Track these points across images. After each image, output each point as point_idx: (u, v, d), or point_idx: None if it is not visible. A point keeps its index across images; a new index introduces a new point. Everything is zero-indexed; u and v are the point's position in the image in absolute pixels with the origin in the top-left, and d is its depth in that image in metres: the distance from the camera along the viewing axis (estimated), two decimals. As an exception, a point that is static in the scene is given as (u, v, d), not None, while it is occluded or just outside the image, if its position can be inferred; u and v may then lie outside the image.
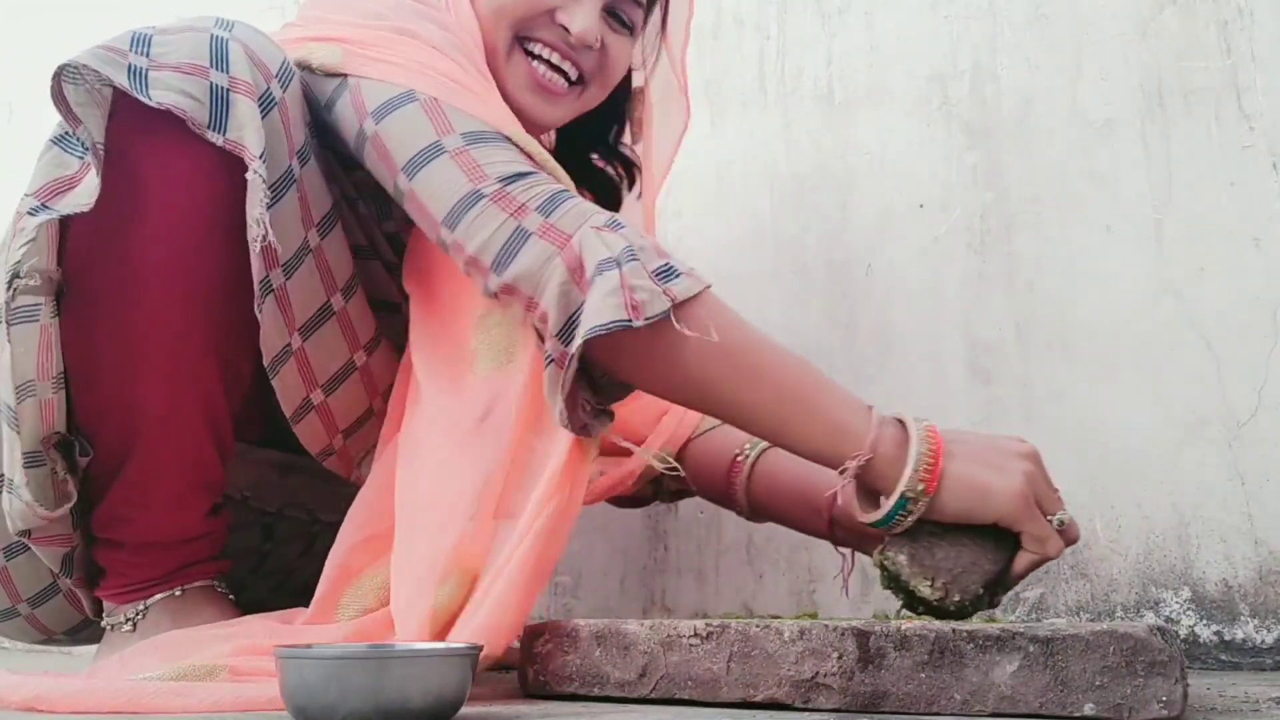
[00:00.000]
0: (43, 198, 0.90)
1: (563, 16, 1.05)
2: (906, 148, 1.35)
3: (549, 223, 0.91)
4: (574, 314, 0.89)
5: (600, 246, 0.90)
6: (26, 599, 1.07)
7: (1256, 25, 1.17)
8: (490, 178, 0.93)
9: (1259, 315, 1.14)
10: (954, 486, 0.85)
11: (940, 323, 1.30)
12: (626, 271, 0.87)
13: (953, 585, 0.85)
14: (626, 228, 0.92)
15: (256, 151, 0.89)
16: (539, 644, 0.87)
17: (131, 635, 1.00)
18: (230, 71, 0.90)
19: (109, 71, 0.87)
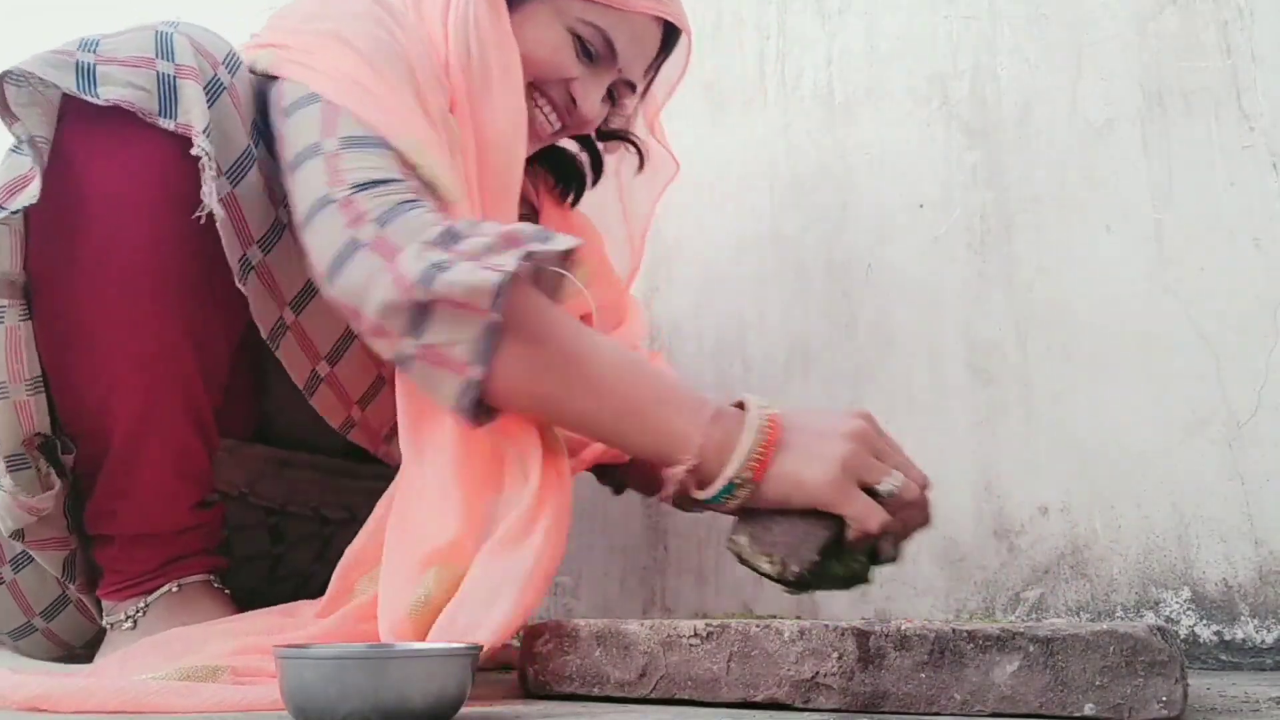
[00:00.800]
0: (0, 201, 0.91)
1: (577, 89, 1.14)
2: (906, 148, 1.35)
3: (382, 234, 0.89)
4: (415, 315, 0.87)
5: (423, 260, 0.87)
6: (40, 612, 1.08)
7: (1256, 25, 1.17)
8: (345, 183, 0.92)
9: (1259, 315, 1.14)
10: (773, 477, 0.89)
11: (940, 323, 1.30)
12: (471, 263, 0.87)
13: (790, 558, 0.89)
14: (468, 236, 0.89)
15: (201, 127, 0.90)
16: (539, 644, 0.87)
17: (132, 633, 1.01)
18: (176, 60, 0.93)
19: (54, 76, 0.89)
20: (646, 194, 1.34)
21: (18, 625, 1.10)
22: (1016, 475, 1.23)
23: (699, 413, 0.90)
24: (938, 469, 1.27)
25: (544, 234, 0.91)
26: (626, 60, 1.15)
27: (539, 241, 0.90)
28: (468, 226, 0.90)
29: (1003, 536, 1.23)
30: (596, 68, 1.14)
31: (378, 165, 0.93)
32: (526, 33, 1.10)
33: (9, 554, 1.07)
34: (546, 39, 1.11)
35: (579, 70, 1.13)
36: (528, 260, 0.87)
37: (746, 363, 1.42)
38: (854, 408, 0.93)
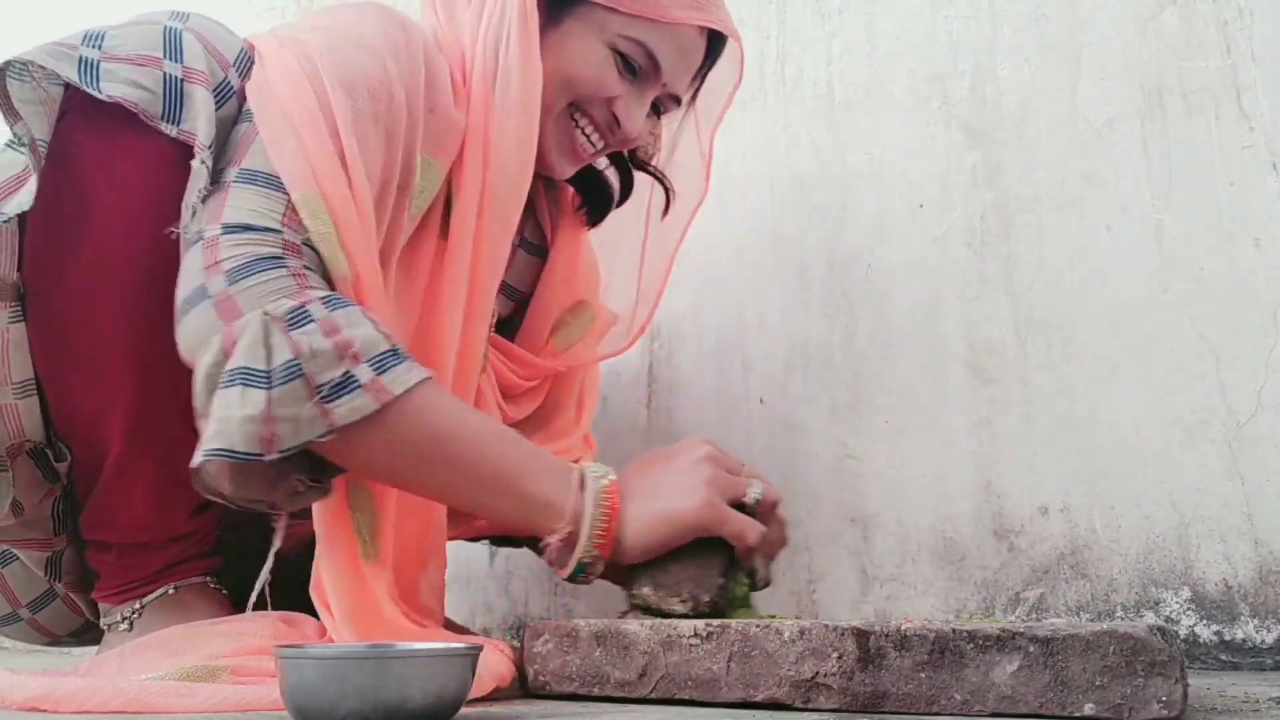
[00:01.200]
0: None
1: (619, 108, 1.10)
2: (906, 148, 1.35)
3: (229, 291, 0.85)
4: (210, 410, 0.84)
5: (258, 349, 0.84)
6: (26, 604, 1.08)
7: (1256, 25, 1.17)
8: (219, 221, 0.88)
9: (1259, 315, 1.14)
10: (637, 531, 0.92)
11: (940, 323, 1.30)
12: (276, 395, 0.83)
13: (698, 590, 0.92)
14: (316, 322, 0.85)
15: (205, 142, 0.88)
16: (539, 644, 0.87)
17: (129, 634, 1.00)
18: (185, 61, 0.90)
19: (57, 66, 0.87)
20: (672, 224, 1.28)
21: (3, 614, 1.09)
22: (1016, 475, 1.23)
23: (567, 482, 0.92)
24: (938, 469, 1.28)
25: (384, 358, 0.87)
26: (671, 73, 1.11)
27: (373, 368, 0.86)
28: (322, 310, 0.85)
29: (1003, 536, 1.23)
30: (640, 84, 1.10)
31: (259, 208, 0.89)
32: (566, 51, 1.07)
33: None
34: (587, 57, 1.08)
35: (621, 88, 1.09)
36: (326, 425, 0.84)
37: (746, 363, 1.42)
38: (690, 438, 0.99)
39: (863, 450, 1.32)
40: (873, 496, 1.30)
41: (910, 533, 1.28)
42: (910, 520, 1.28)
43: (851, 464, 1.32)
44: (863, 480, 1.30)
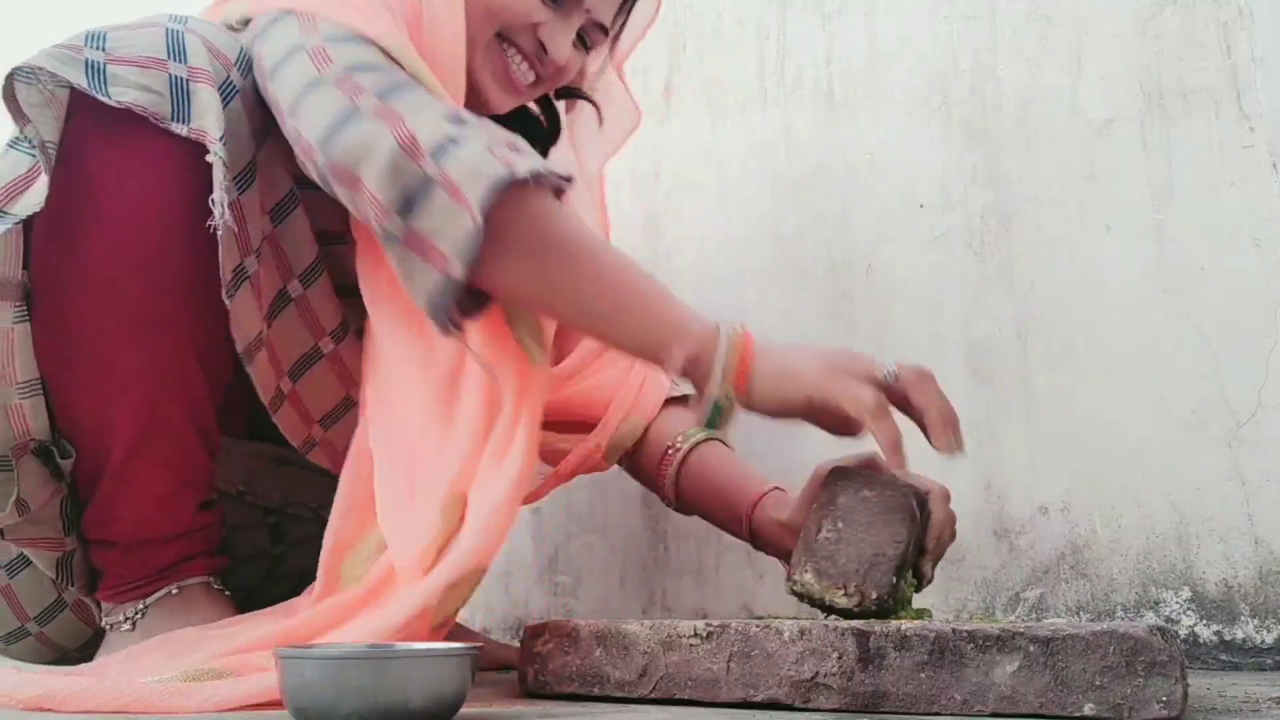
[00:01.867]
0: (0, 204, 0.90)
1: (544, 34, 1.09)
2: (906, 148, 1.35)
3: (384, 104, 0.88)
4: (413, 191, 0.86)
5: (440, 129, 0.87)
6: (34, 617, 1.08)
7: (1256, 25, 1.17)
8: (337, 64, 0.91)
9: (1259, 315, 1.14)
10: (765, 382, 0.91)
11: (940, 323, 1.30)
12: (483, 146, 0.87)
13: (866, 585, 0.85)
14: (471, 120, 0.90)
15: (217, 135, 0.89)
16: (539, 644, 0.87)
17: (131, 634, 1.01)
18: (189, 62, 0.91)
19: (65, 71, 0.87)
20: (604, 149, 1.30)
21: (11, 630, 1.10)
22: (1016, 475, 1.23)
23: (690, 311, 0.92)
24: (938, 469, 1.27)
25: (535, 153, 0.90)
26: (593, 0, 1.11)
27: (533, 156, 0.89)
28: (470, 114, 0.89)
29: (1003, 536, 1.23)
30: (564, 10, 1.10)
31: (364, 55, 0.92)
32: None
33: (3, 559, 1.07)
34: None
35: (544, 14, 1.09)
36: (531, 171, 0.86)
37: (746, 363, 1.41)
38: None
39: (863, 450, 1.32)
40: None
41: (910, 533, 1.28)
42: (910, 520, 1.28)
43: (851, 464, 1.31)
44: (863, 480, 1.30)
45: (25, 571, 1.06)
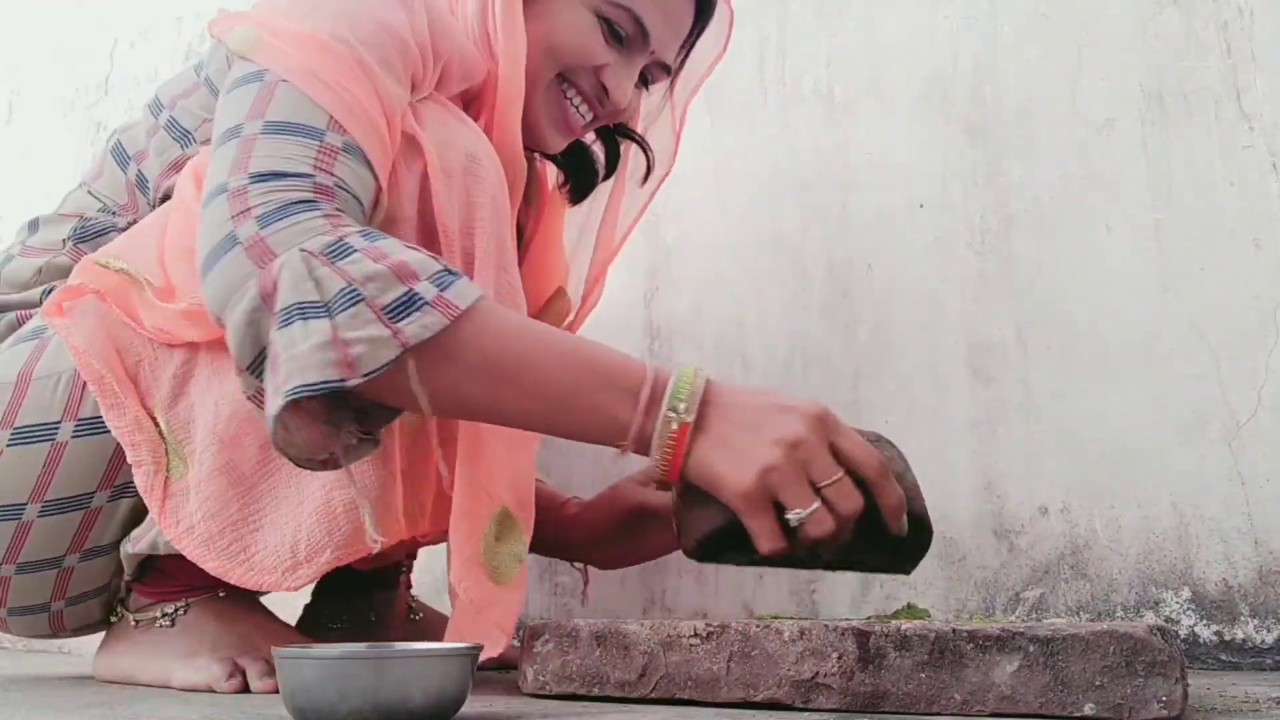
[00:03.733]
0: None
1: (607, 76, 1.08)
2: (906, 148, 1.35)
3: (261, 235, 0.82)
4: (263, 350, 0.81)
5: (305, 284, 0.80)
6: (67, 597, 1.06)
7: (1256, 25, 1.17)
8: (247, 171, 0.86)
9: (1259, 315, 1.14)
10: (697, 473, 0.84)
11: (940, 323, 1.30)
12: (340, 321, 0.79)
13: (682, 533, 0.88)
14: (361, 251, 0.81)
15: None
16: (539, 644, 0.87)
17: (170, 630, 1.03)
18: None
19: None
20: (642, 194, 1.29)
21: (34, 604, 1.07)
22: (1016, 475, 1.23)
23: (636, 396, 0.84)
24: (938, 469, 1.28)
25: (442, 275, 0.82)
26: (659, 40, 1.09)
27: (435, 285, 0.81)
28: (362, 240, 0.82)
29: (1003, 536, 1.23)
30: (628, 52, 1.09)
31: (291, 155, 0.87)
32: (551, 20, 1.06)
33: (90, 543, 1.04)
34: (572, 24, 1.06)
35: (609, 56, 1.07)
36: (400, 345, 0.79)
37: (746, 363, 1.42)
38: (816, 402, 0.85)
39: (863, 450, 1.32)
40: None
41: (910, 533, 1.28)
42: (910, 520, 1.28)
43: (851, 464, 1.31)
44: (863, 480, 1.30)
45: (98, 559, 1.04)
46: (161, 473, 0.95)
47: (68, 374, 1.00)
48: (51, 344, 1.01)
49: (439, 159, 0.94)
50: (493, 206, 0.96)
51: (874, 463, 0.83)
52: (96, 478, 0.99)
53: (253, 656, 0.99)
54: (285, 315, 0.80)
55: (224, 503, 0.94)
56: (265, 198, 0.84)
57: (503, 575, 0.95)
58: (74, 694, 0.98)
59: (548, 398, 0.85)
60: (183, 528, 0.94)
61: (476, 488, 0.93)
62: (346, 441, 0.85)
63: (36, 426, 0.99)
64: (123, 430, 0.96)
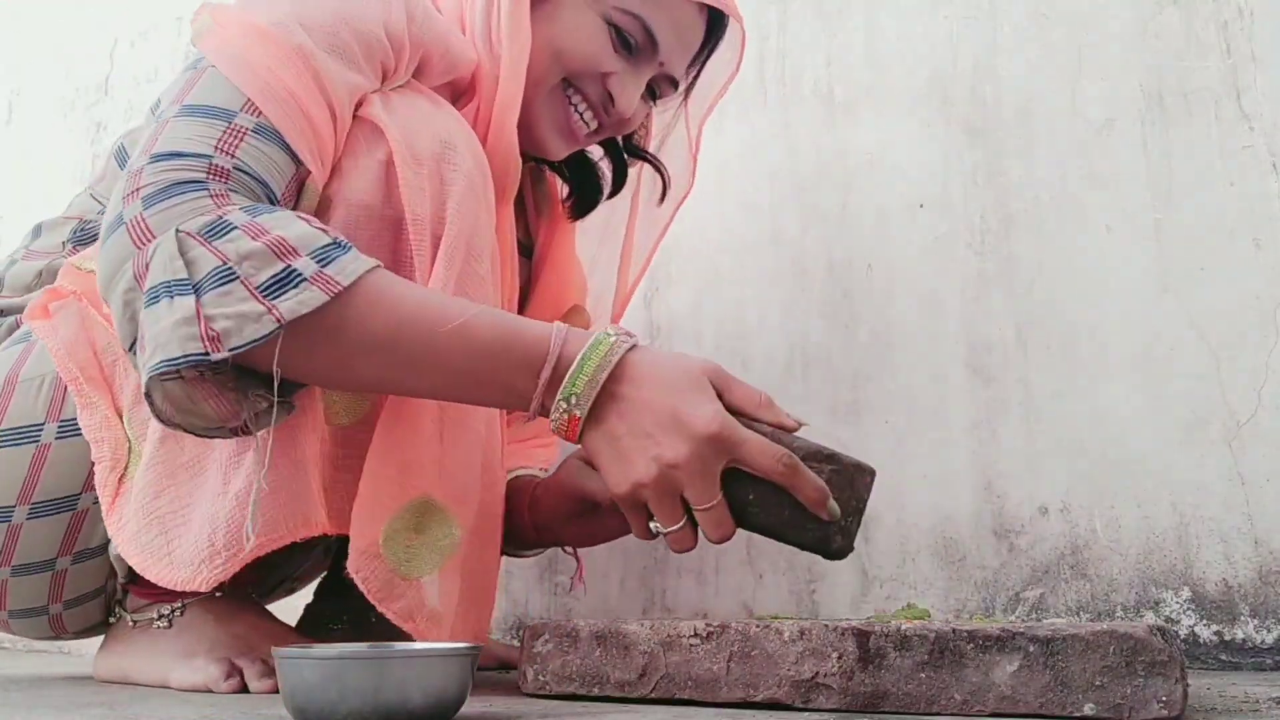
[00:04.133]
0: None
1: (613, 84, 1.08)
2: (906, 148, 1.35)
3: (144, 215, 0.82)
4: (139, 331, 0.82)
5: (175, 263, 0.80)
6: (65, 600, 1.06)
7: (1256, 25, 1.17)
8: (149, 153, 0.86)
9: (1259, 315, 1.14)
10: (585, 449, 0.87)
11: (940, 323, 1.30)
12: (207, 299, 0.79)
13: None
14: (240, 228, 0.81)
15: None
16: (539, 644, 0.87)
17: (167, 630, 1.02)
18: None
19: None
20: (661, 214, 1.28)
21: (33, 606, 1.08)
22: (1016, 475, 1.23)
23: (537, 375, 0.85)
24: (938, 469, 1.28)
25: (327, 250, 0.82)
26: (668, 52, 1.08)
27: (316, 260, 0.81)
28: (244, 216, 0.82)
29: (1003, 536, 1.23)
30: (636, 61, 1.08)
31: (194, 135, 0.87)
32: (559, 23, 1.05)
33: (79, 545, 1.04)
34: (580, 29, 1.05)
35: (617, 64, 1.07)
36: (274, 321, 0.79)
37: (746, 363, 1.42)
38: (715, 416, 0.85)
39: (863, 450, 1.32)
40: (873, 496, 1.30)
41: (910, 533, 1.28)
42: (910, 520, 1.28)
43: (851, 464, 1.31)
44: (863, 480, 1.30)
45: (90, 561, 1.04)
46: (118, 470, 0.95)
47: (50, 376, 1.00)
48: (37, 347, 1.01)
49: (407, 146, 0.93)
50: (469, 193, 0.95)
51: (779, 467, 0.85)
52: (80, 480, 0.99)
53: (250, 657, 0.99)
54: (153, 294, 0.80)
55: (155, 495, 0.92)
56: (155, 178, 0.84)
57: (413, 567, 0.91)
58: (74, 694, 0.98)
59: (444, 373, 0.85)
60: (120, 523, 0.93)
61: (385, 479, 0.91)
62: (255, 408, 0.84)
63: (22, 429, 0.99)
64: (91, 429, 0.96)
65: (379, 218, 0.93)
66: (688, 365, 0.87)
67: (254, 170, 0.87)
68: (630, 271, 1.29)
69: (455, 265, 0.92)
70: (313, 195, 0.92)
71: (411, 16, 0.97)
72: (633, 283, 1.30)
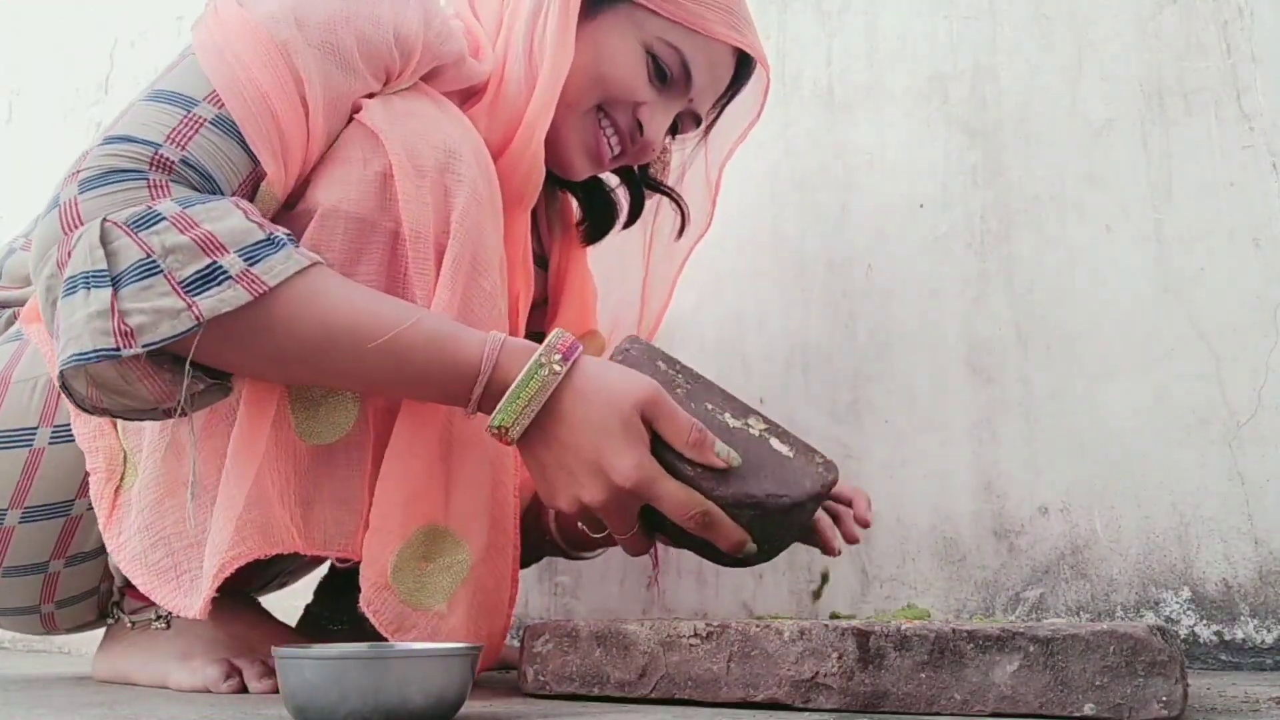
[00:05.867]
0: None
1: (644, 114, 1.08)
2: (906, 148, 1.35)
3: (77, 200, 0.81)
4: (54, 321, 0.81)
5: (96, 253, 0.79)
6: (57, 600, 1.06)
7: (1256, 25, 1.17)
8: (106, 133, 0.85)
9: (1259, 315, 1.14)
10: (522, 457, 0.88)
11: (940, 323, 1.30)
12: (125, 292, 0.78)
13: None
14: (168, 220, 0.80)
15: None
16: (539, 644, 0.87)
17: (165, 631, 1.03)
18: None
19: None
20: (679, 248, 1.28)
21: (23, 606, 1.08)
22: (1016, 475, 1.23)
23: (468, 393, 0.86)
24: (938, 469, 1.28)
25: (258, 247, 0.81)
26: (700, 89, 1.10)
27: (244, 258, 0.80)
28: (174, 208, 0.81)
29: (1003, 536, 1.23)
30: (668, 93, 1.09)
31: (150, 121, 0.85)
32: (601, 45, 1.05)
33: (72, 550, 1.04)
34: (622, 56, 1.06)
35: (650, 94, 1.08)
36: (193, 318, 0.78)
37: (746, 363, 1.42)
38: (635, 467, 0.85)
39: (863, 450, 1.32)
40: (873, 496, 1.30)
41: (910, 533, 1.28)
42: (910, 520, 1.28)
43: (851, 464, 1.31)
44: (862, 480, 1.30)
45: (84, 564, 1.04)
46: (113, 481, 0.94)
47: (44, 379, 0.99)
48: (30, 347, 1.01)
49: (408, 157, 0.92)
50: (474, 203, 0.93)
51: (691, 524, 0.86)
52: (75, 486, 0.99)
53: (249, 658, 0.98)
54: (70, 284, 0.79)
55: (159, 514, 0.91)
56: (96, 161, 0.83)
57: (423, 597, 0.91)
58: (73, 694, 0.98)
59: (375, 382, 0.86)
60: (121, 540, 0.92)
61: (391, 506, 0.90)
62: (193, 389, 0.83)
63: (14, 431, 0.98)
64: (84, 436, 0.95)
65: (373, 229, 0.91)
66: (619, 403, 0.85)
67: (201, 164, 0.86)
68: (652, 302, 1.29)
69: (460, 282, 0.92)
70: (268, 197, 0.90)
71: (428, 24, 0.96)
72: (657, 315, 1.30)
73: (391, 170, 0.91)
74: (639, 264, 1.28)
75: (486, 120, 1.02)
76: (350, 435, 0.92)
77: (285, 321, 0.82)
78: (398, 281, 0.92)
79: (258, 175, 0.89)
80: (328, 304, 0.83)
